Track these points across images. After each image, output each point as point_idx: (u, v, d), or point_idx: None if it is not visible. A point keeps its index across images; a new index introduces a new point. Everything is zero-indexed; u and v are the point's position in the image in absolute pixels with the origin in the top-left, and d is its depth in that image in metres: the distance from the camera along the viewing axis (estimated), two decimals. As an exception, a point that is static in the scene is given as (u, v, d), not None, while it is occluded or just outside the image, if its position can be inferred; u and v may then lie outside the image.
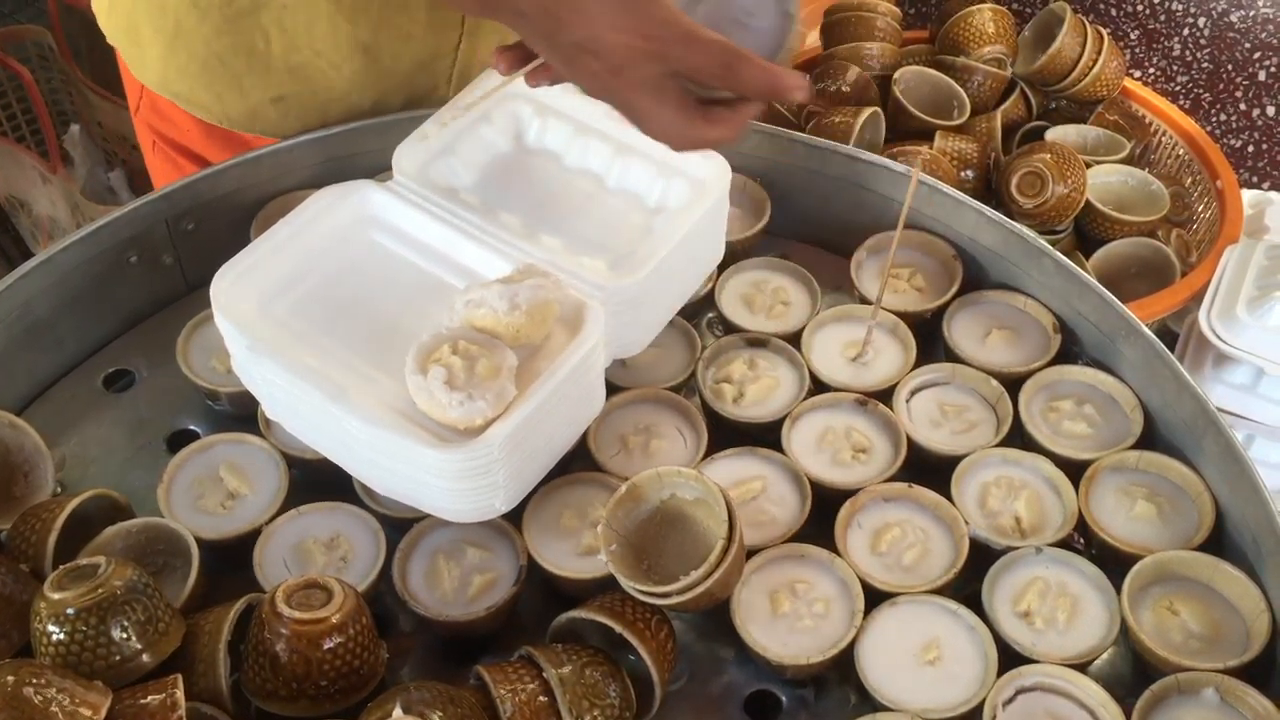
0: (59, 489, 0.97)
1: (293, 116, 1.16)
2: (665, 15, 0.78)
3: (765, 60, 0.80)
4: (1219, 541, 0.93)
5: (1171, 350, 1.02)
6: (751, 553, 0.91)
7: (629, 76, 0.80)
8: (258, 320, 0.90)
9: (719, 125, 0.82)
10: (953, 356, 1.07)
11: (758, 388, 1.03)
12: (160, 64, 1.15)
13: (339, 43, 1.10)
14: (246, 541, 0.91)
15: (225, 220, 1.12)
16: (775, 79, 0.80)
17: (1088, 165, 1.51)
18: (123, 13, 1.14)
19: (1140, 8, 1.71)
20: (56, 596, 0.78)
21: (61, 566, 0.81)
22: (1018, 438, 1.01)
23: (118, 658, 0.78)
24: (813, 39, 1.98)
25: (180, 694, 0.75)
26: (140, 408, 1.05)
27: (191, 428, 1.04)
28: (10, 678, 0.73)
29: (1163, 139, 1.69)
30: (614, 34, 0.78)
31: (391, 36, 1.11)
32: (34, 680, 0.72)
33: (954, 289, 1.10)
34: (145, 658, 0.79)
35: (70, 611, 0.77)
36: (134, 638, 0.79)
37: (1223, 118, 1.72)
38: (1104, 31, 1.65)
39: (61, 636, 0.77)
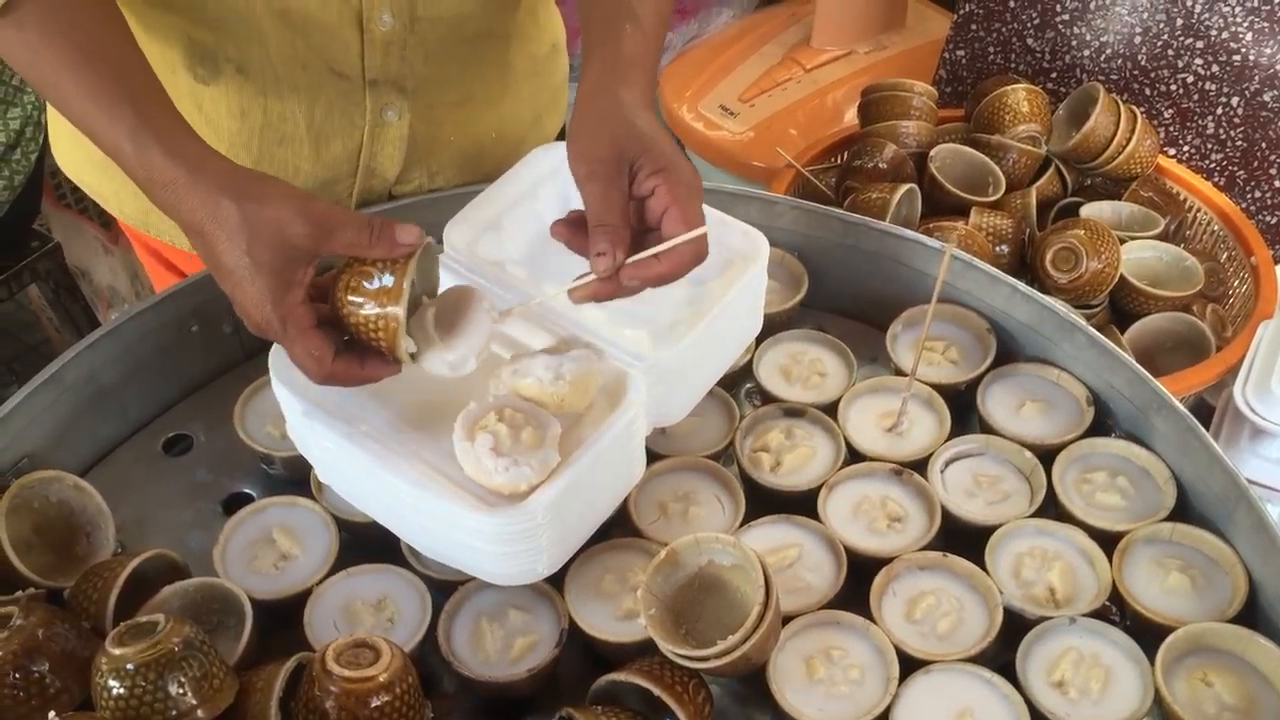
0: (119, 549, 1.01)
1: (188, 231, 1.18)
2: (286, 314, 0.85)
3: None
4: (1252, 614, 0.94)
5: (1208, 424, 1.03)
6: (788, 619, 0.93)
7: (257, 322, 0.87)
8: (312, 387, 0.93)
9: (340, 375, 0.87)
10: (987, 428, 1.09)
11: (794, 457, 1.06)
12: (73, 153, 1.20)
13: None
14: (298, 601, 0.94)
15: (282, 291, 1.16)
16: (364, 376, 0.87)
17: (1122, 241, 1.53)
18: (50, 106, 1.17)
19: (1174, 87, 1.74)
20: (117, 652, 0.81)
21: (122, 623, 0.84)
22: (1051, 509, 1.02)
23: (174, 712, 0.81)
24: (850, 116, 2.02)
25: (234, 748, 0.78)
26: (198, 471, 1.09)
27: (246, 491, 1.08)
28: (72, 729, 0.76)
29: (1198, 215, 1.71)
30: (247, 309, 0.86)
31: (275, 169, 1.14)
32: (95, 731, 0.75)
33: (988, 362, 1.13)
34: (200, 713, 0.81)
35: (130, 667, 0.80)
36: (190, 693, 0.81)
37: (1257, 194, 1.73)
38: (1138, 111, 1.68)
39: (121, 691, 0.80)
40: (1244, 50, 1.68)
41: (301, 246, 0.84)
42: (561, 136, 1.41)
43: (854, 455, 1.07)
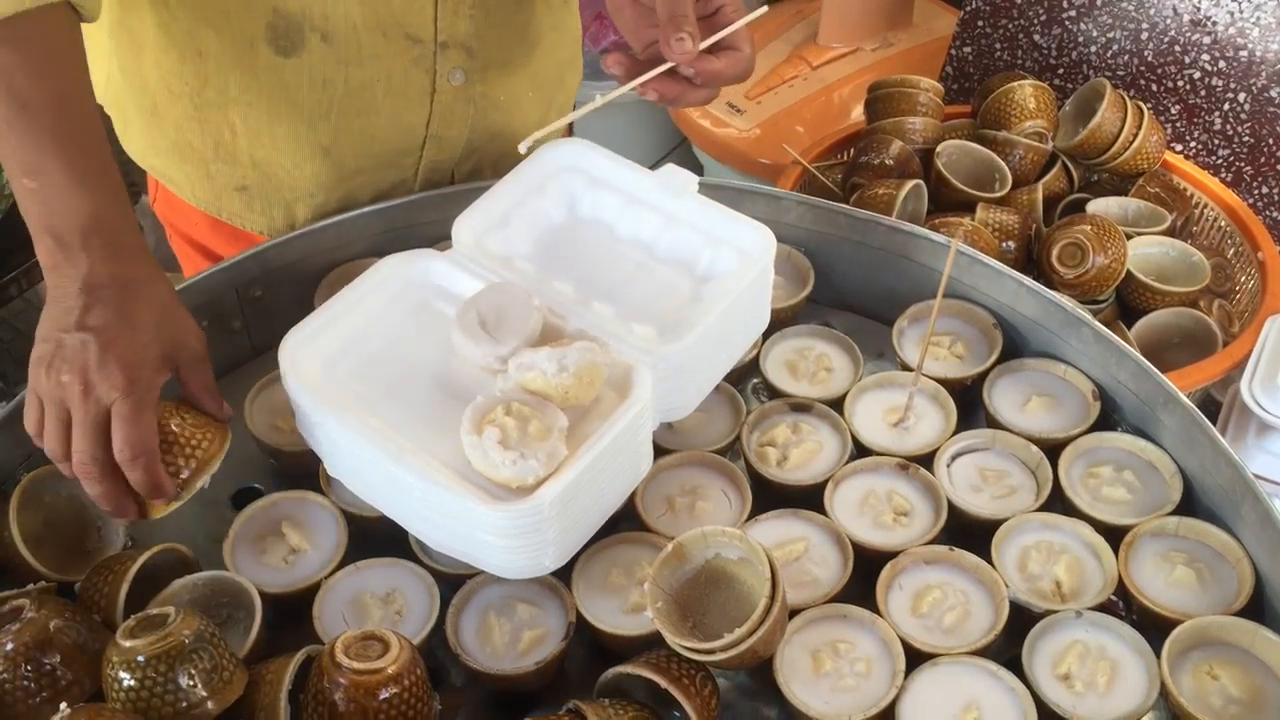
0: (129, 543, 1.02)
1: (257, 209, 1.21)
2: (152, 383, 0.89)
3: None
4: (1258, 607, 0.94)
5: (1215, 420, 1.03)
6: (794, 612, 0.93)
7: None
8: (322, 382, 0.94)
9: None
10: (993, 423, 1.09)
11: (801, 451, 1.06)
12: (141, 138, 1.21)
13: (299, 145, 1.16)
14: (306, 595, 0.95)
15: (290, 287, 1.17)
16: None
17: (1128, 237, 1.53)
18: (113, 88, 1.20)
19: (1181, 83, 1.74)
20: (128, 645, 0.82)
21: (133, 616, 0.85)
22: (1057, 503, 1.03)
23: (184, 704, 0.81)
24: (857, 113, 2.02)
25: (243, 739, 0.78)
26: (207, 466, 1.09)
27: (255, 486, 1.08)
28: (84, 720, 0.76)
29: (1204, 211, 1.71)
30: (124, 358, 0.88)
31: (353, 140, 1.16)
32: (106, 723, 0.76)
33: (994, 357, 1.13)
34: (210, 705, 0.82)
35: (140, 659, 0.81)
36: (200, 685, 0.82)
37: (1264, 190, 1.73)
38: (1144, 107, 1.68)
39: (132, 683, 0.81)
40: (1251, 46, 1.68)
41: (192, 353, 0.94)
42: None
43: (860, 450, 1.07)
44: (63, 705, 0.80)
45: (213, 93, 1.13)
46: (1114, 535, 0.99)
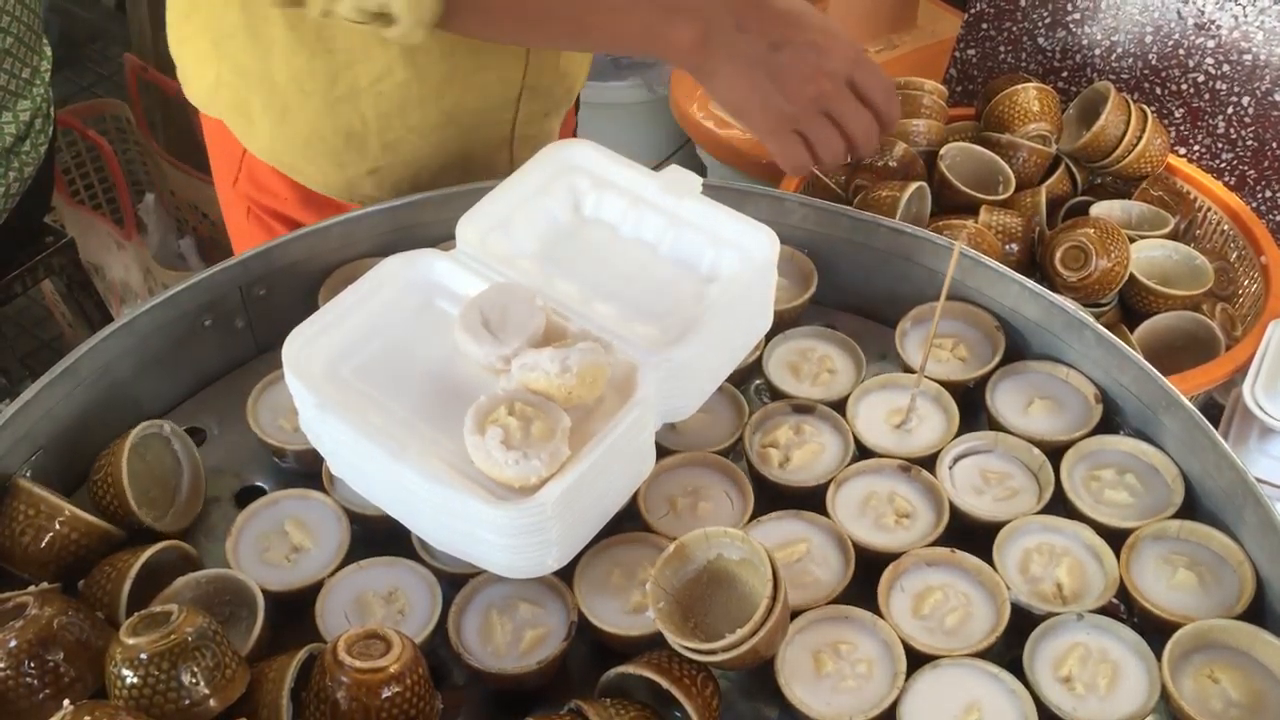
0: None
1: (386, 186, 1.25)
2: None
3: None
4: (1260, 611, 0.94)
5: (1217, 423, 1.04)
6: (796, 613, 0.93)
7: (833, 80, 1.05)
8: (325, 380, 0.94)
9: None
10: (995, 425, 1.09)
11: (803, 453, 1.06)
12: (269, 137, 1.24)
13: (425, 118, 1.20)
14: (309, 593, 0.95)
15: (294, 286, 1.17)
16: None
17: (1131, 240, 1.53)
18: (232, 89, 1.23)
19: (1185, 87, 1.74)
20: (131, 642, 0.82)
21: (136, 613, 0.85)
22: (1059, 505, 1.03)
23: (186, 702, 0.82)
24: (861, 115, 2.02)
25: (246, 737, 0.78)
26: (210, 464, 1.09)
27: (259, 484, 1.09)
28: (86, 717, 0.77)
29: (1208, 215, 1.71)
30: (835, 43, 1.05)
31: (470, 99, 1.21)
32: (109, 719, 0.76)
33: (996, 359, 1.13)
34: (212, 702, 0.82)
35: (143, 656, 0.81)
36: (202, 683, 0.82)
37: (1267, 194, 1.73)
38: (1148, 110, 1.68)
39: (134, 680, 0.81)
40: (1255, 50, 1.68)
41: None
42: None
43: (862, 451, 1.07)
44: (65, 702, 0.80)
45: (343, 88, 1.17)
46: (1116, 538, 0.99)
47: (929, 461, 1.06)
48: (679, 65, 1.04)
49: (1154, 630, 0.93)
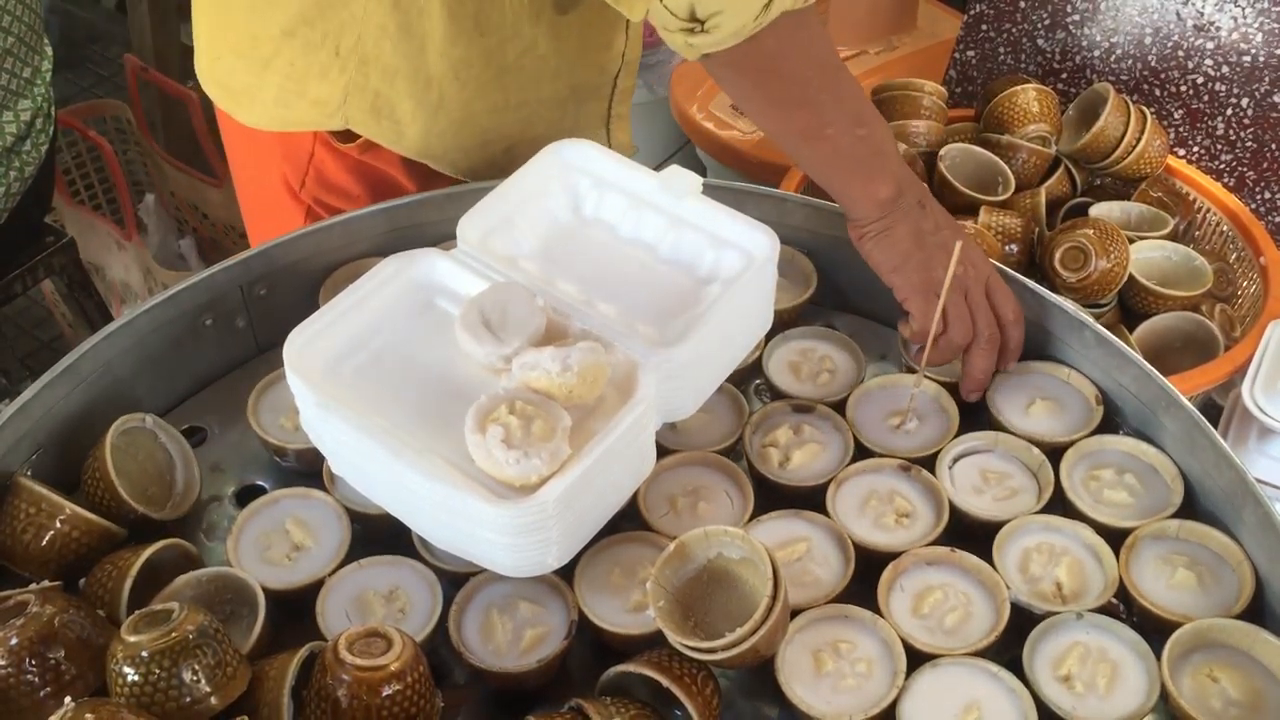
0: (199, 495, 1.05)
1: (516, 161, 1.21)
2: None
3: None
4: (1259, 610, 0.95)
5: (1216, 424, 1.04)
6: (796, 612, 0.94)
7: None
8: (326, 379, 0.94)
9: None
10: (995, 425, 1.09)
11: (803, 452, 1.06)
12: (422, 132, 1.24)
13: (557, 89, 1.26)
14: (309, 592, 0.95)
15: (295, 286, 1.17)
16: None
17: (1131, 241, 1.53)
18: (372, 94, 1.22)
19: (1184, 88, 1.74)
20: (132, 639, 0.82)
21: (138, 611, 0.85)
22: (1059, 505, 1.03)
23: (188, 699, 0.82)
24: (860, 116, 2.02)
25: (247, 735, 0.78)
26: (211, 463, 1.09)
27: (259, 483, 1.09)
28: (88, 714, 0.77)
29: (1207, 216, 1.71)
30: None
31: (589, 71, 1.28)
32: (111, 717, 0.76)
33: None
34: (213, 700, 0.82)
35: (144, 654, 0.81)
36: (203, 681, 0.82)
37: (1266, 195, 1.73)
38: (1147, 111, 1.68)
39: (136, 678, 0.81)
40: (1254, 51, 1.68)
41: None
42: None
43: (862, 451, 1.08)
44: (67, 700, 0.80)
45: (494, 68, 1.20)
46: (1115, 538, 0.99)
47: (929, 461, 1.06)
48: (864, 214, 1.10)
49: (1153, 630, 0.93)
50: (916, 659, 0.91)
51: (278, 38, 1.21)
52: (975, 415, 1.12)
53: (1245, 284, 1.65)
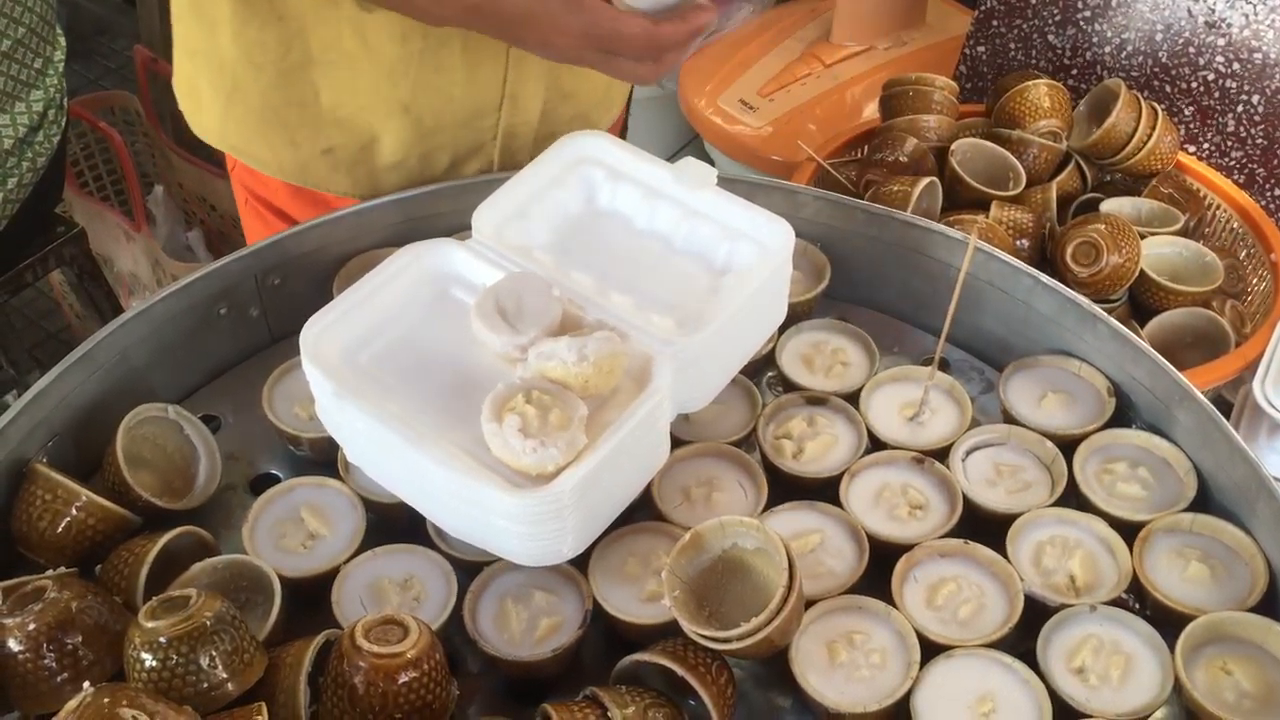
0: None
1: (342, 170, 1.23)
2: (594, 19, 0.96)
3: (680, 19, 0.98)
4: (1272, 604, 0.95)
5: (1226, 419, 1.04)
6: (810, 603, 0.94)
7: (580, 59, 1.00)
8: (343, 368, 0.94)
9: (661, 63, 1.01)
10: (1009, 419, 1.10)
11: (816, 444, 1.06)
12: (219, 119, 1.23)
13: (380, 100, 1.18)
14: (325, 580, 0.95)
15: (309, 276, 1.17)
16: (691, 29, 0.98)
17: (1141, 236, 1.53)
18: (185, 75, 1.23)
19: (1195, 85, 1.74)
20: (150, 625, 0.82)
21: (155, 598, 0.85)
22: (1072, 498, 1.03)
23: (205, 685, 0.82)
24: (871, 110, 2.03)
25: (265, 721, 0.79)
26: (225, 452, 1.10)
27: (274, 472, 1.09)
28: (106, 699, 0.77)
29: (1217, 213, 1.71)
30: (561, 38, 0.98)
31: (431, 97, 1.18)
32: (129, 703, 0.76)
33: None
34: (230, 686, 0.83)
35: (162, 640, 0.81)
36: (221, 667, 0.82)
37: (1277, 192, 1.73)
38: (1158, 107, 1.68)
39: (153, 663, 0.82)
40: (1266, 48, 1.68)
41: None
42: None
43: (876, 444, 1.08)
44: (85, 685, 0.81)
45: (296, 56, 1.15)
46: (1128, 531, 0.99)
47: (942, 454, 1.06)
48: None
49: (1166, 623, 0.93)
50: (930, 650, 0.91)
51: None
52: (988, 408, 1.12)
53: (1255, 281, 1.65)
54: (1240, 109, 1.74)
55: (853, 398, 1.10)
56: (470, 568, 0.96)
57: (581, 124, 1.10)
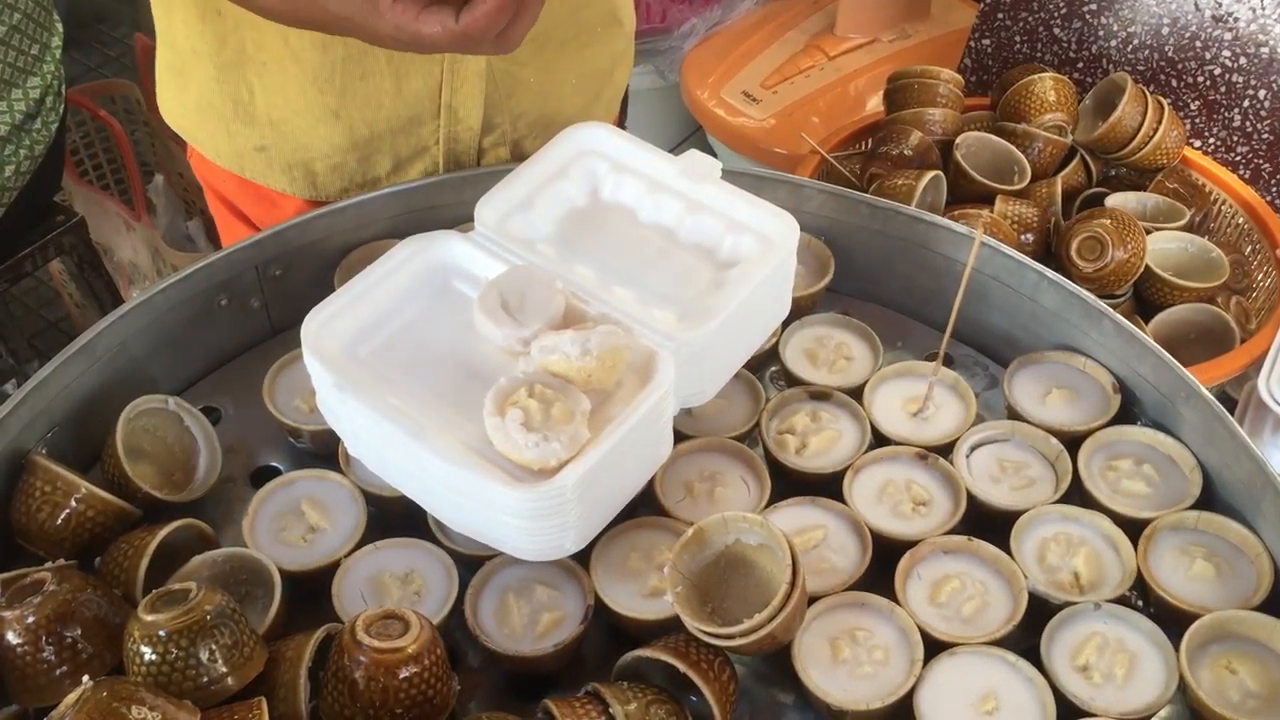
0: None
1: (277, 168, 1.23)
2: (396, 22, 0.90)
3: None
4: (1277, 602, 0.94)
5: (1231, 415, 1.03)
6: (812, 600, 0.93)
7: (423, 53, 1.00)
8: (344, 360, 0.94)
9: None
10: (1013, 415, 1.09)
11: (820, 439, 1.06)
12: (171, 99, 1.25)
13: (309, 106, 1.18)
14: (325, 574, 0.95)
15: (310, 267, 1.17)
16: (492, 8, 0.88)
17: (1147, 232, 1.53)
18: (157, 55, 1.25)
19: (1201, 79, 1.74)
20: (149, 619, 0.82)
21: (155, 591, 0.85)
22: (1076, 495, 1.02)
23: (205, 679, 0.82)
24: (875, 103, 2.02)
25: (265, 716, 0.78)
26: (226, 444, 1.09)
27: (274, 464, 1.08)
28: (105, 693, 0.76)
29: (1222, 208, 1.70)
30: (381, 40, 0.94)
31: (360, 105, 1.18)
32: (128, 696, 0.76)
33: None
34: (230, 680, 0.82)
35: (162, 634, 0.81)
36: (220, 661, 0.82)
37: (1283, 188, 1.73)
38: (1164, 102, 1.68)
39: (153, 657, 0.81)
40: (1272, 43, 1.67)
41: None
42: (626, 97, 1.41)
43: (879, 439, 1.07)
44: (85, 678, 0.80)
45: (230, 52, 1.16)
46: (1133, 528, 0.99)
47: (946, 450, 1.05)
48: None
49: (1171, 621, 0.92)
50: (934, 647, 0.91)
51: None
52: (993, 404, 1.11)
53: (1260, 276, 1.65)
54: (1246, 104, 1.73)
55: (856, 393, 1.10)
56: (471, 562, 0.96)
57: (536, 146, 1.07)
